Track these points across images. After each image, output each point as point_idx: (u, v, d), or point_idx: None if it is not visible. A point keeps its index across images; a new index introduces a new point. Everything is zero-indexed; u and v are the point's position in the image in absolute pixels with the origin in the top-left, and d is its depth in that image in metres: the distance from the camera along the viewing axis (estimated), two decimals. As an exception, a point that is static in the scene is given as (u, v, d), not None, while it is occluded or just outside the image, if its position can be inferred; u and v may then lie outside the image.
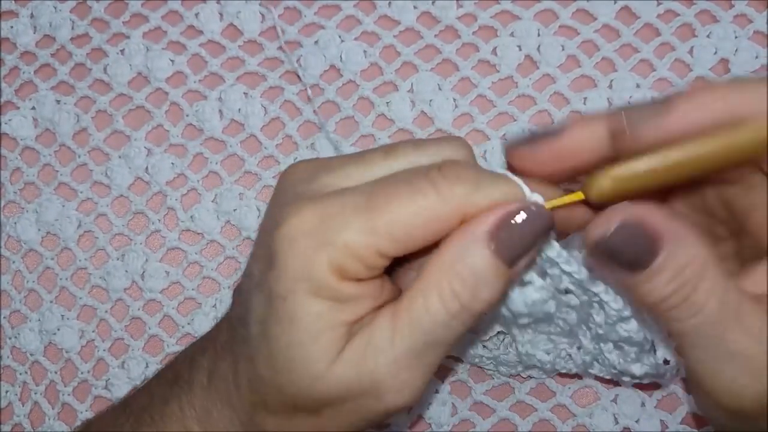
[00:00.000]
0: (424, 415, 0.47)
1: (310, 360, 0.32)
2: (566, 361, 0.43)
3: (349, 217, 0.31)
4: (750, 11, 0.47)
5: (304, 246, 0.31)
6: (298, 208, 0.31)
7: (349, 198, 0.31)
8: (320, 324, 0.31)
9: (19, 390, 0.49)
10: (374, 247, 0.31)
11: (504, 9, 0.48)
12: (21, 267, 0.50)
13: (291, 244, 0.31)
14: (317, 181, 0.33)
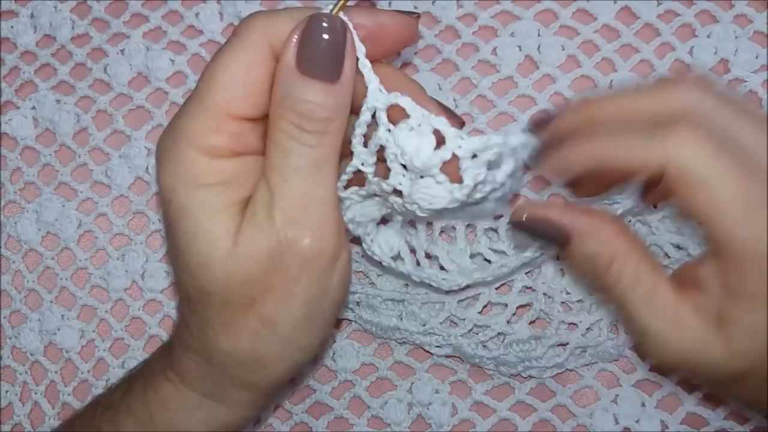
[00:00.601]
0: (424, 415, 0.47)
1: (214, 247, 0.32)
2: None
3: (190, 101, 0.33)
4: (750, 11, 0.47)
5: (164, 142, 0.33)
6: (160, 136, 0.35)
7: (187, 101, 0.34)
8: (207, 210, 0.33)
9: (19, 390, 0.49)
10: (220, 113, 0.32)
11: (504, 9, 0.48)
12: (21, 267, 0.49)
13: (159, 158, 0.34)
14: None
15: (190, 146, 0.33)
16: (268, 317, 0.34)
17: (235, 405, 0.37)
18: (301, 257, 0.33)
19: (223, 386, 0.37)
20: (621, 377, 0.46)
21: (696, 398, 0.46)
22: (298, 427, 0.48)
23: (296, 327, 0.34)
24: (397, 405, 0.47)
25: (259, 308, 0.34)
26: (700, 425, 0.46)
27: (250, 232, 0.33)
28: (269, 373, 0.36)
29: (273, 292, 0.33)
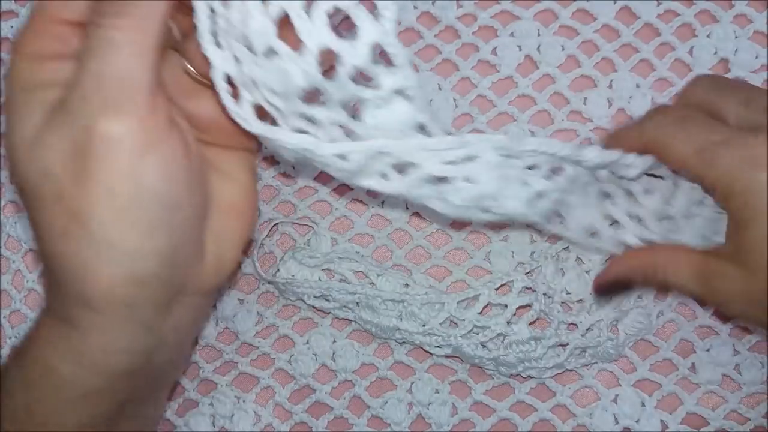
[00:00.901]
0: (424, 415, 0.47)
1: (19, 140, 0.32)
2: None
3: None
4: (750, 11, 0.47)
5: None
6: None
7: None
8: (22, 109, 0.32)
9: (18, 389, 0.49)
10: (41, 15, 0.32)
11: (504, 9, 0.48)
12: (21, 266, 0.49)
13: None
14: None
15: (17, 53, 0.32)
16: (75, 211, 0.31)
17: (84, 329, 0.33)
18: (100, 142, 0.30)
19: (64, 303, 0.33)
20: (621, 377, 0.46)
21: (696, 398, 0.46)
22: (297, 427, 0.48)
23: (110, 223, 0.31)
24: (397, 405, 0.47)
25: (67, 202, 0.31)
26: (700, 425, 0.46)
27: (53, 123, 0.31)
28: (98, 284, 0.32)
29: (78, 184, 0.31)
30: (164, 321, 0.35)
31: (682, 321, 0.46)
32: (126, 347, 0.34)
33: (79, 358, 0.34)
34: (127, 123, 0.30)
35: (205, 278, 0.36)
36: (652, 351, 0.46)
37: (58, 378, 0.34)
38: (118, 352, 0.34)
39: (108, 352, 0.34)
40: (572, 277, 0.45)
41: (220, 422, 0.48)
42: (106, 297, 0.32)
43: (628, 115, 0.47)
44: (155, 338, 0.35)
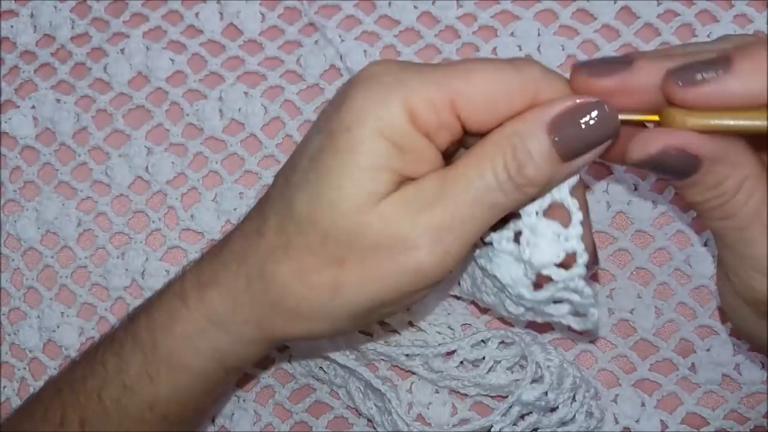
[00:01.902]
0: (424, 415, 0.47)
1: (360, 194, 0.32)
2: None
3: (428, 70, 0.32)
4: (750, 11, 0.47)
5: (380, 85, 0.32)
6: (377, 62, 0.33)
7: (432, 67, 0.33)
8: (380, 162, 0.32)
9: (17, 386, 0.49)
10: (449, 97, 0.31)
11: (504, 9, 0.48)
12: (20, 265, 0.49)
13: (368, 80, 0.32)
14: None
15: (411, 97, 0.31)
16: (340, 284, 0.33)
17: (241, 341, 0.36)
18: (408, 264, 0.33)
19: (243, 315, 0.35)
20: (621, 377, 0.46)
21: (696, 398, 0.46)
22: (297, 427, 0.48)
23: (350, 311, 0.34)
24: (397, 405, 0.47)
25: (339, 271, 0.33)
26: (700, 425, 0.46)
27: (390, 211, 0.32)
28: (292, 328, 0.35)
29: (362, 269, 0.33)
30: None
31: (682, 321, 0.46)
32: (247, 363, 0.39)
33: (212, 357, 0.37)
34: (436, 269, 0.33)
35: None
36: (652, 351, 0.46)
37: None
38: (240, 369, 0.40)
39: (238, 363, 0.38)
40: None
41: (220, 421, 0.48)
42: (285, 337, 0.36)
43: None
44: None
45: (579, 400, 0.43)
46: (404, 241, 0.32)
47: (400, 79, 0.32)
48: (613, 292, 0.47)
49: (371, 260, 0.33)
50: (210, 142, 0.49)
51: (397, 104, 0.31)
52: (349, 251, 0.32)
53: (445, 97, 0.31)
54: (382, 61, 0.33)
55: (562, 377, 0.43)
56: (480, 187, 0.32)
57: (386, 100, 0.31)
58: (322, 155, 0.33)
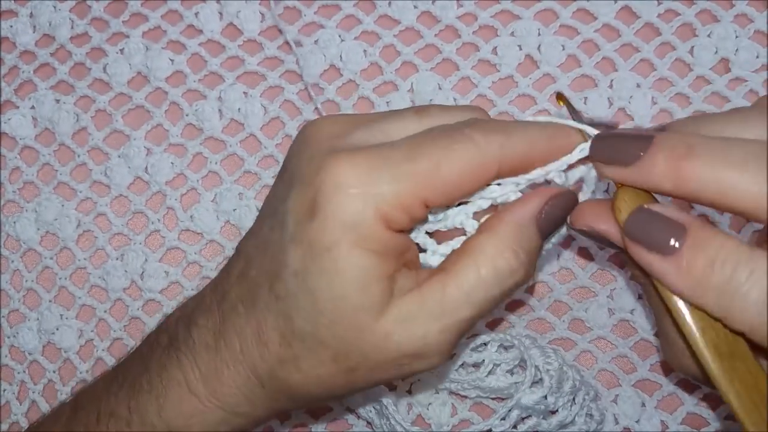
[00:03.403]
0: (424, 415, 0.47)
1: (357, 312, 0.32)
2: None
3: (395, 168, 0.32)
4: (750, 11, 0.46)
5: (350, 196, 0.31)
6: (341, 160, 0.32)
7: (391, 151, 0.32)
8: (367, 276, 0.32)
9: (16, 389, 0.49)
10: (420, 196, 0.32)
11: (504, 8, 0.48)
12: (20, 266, 0.49)
13: (336, 193, 0.31)
14: (353, 136, 0.34)
15: (383, 206, 0.31)
16: (353, 385, 0.35)
17: (257, 420, 0.38)
18: (412, 368, 0.34)
19: (261, 407, 0.36)
20: (621, 377, 0.46)
21: (696, 398, 0.46)
22: (297, 429, 0.48)
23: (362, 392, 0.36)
24: (397, 405, 0.47)
25: (353, 375, 0.34)
26: (700, 425, 0.46)
27: (399, 325, 0.33)
28: (299, 404, 0.38)
29: (374, 374, 0.34)
30: None
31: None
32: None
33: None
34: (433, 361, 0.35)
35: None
36: (652, 351, 0.46)
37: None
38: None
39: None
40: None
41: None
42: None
43: (628, 114, 0.47)
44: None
45: (579, 402, 0.43)
46: (417, 356, 0.33)
47: (369, 187, 0.31)
48: (614, 293, 0.47)
49: (381, 369, 0.34)
50: (209, 142, 0.49)
51: (370, 215, 0.31)
52: (361, 363, 0.33)
53: (416, 197, 0.32)
54: (343, 161, 0.32)
55: (562, 380, 0.43)
56: (485, 296, 0.33)
57: (359, 213, 0.31)
58: (309, 277, 0.32)
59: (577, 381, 0.43)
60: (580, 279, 0.47)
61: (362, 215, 0.31)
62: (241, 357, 0.35)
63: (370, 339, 0.33)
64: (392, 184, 0.31)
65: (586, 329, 0.47)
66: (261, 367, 0.35)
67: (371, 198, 0.31)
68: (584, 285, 0.47)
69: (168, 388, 0.37)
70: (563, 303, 0.47)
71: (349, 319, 0.32)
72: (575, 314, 0.47)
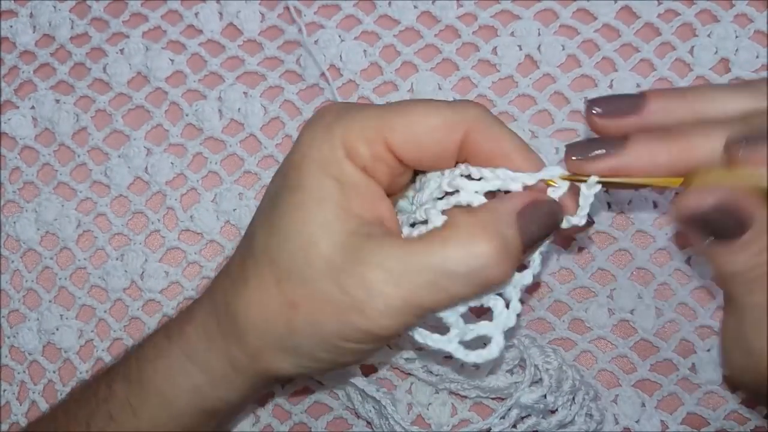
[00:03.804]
0: (424, 415, 0.47)
1: (309, 223, 0.33)
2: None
3: (369, 109, 0.35)
4: (750, 11, 0.46)
5: (320, 125, 0.35)
6: (329, 105, 0.36)
7: (370, 106, 0.35)
8: (325, 195, 0.33)
9: (17, 389, 0.49)
10: (383, 137, 0.33)
11: (504, 8, 0.48)
12: (20, 266, 0.49)
13: (309, 125, 0.35)
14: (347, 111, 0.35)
15: (345, 134, 0.34)
16: (294, 326, 0.34)
17: (217, 380, 0.37)
18: (358, 325, 0.33)
19: (216, 351, 0.36)
20: (621, 377, 0.46)
21: (696, 398, 0.46)
22: (297, 427, 0.48)
23: (309, 352, 0.35)
24: (397, 405, 0.47)
25: (293, 313, 0.34)
26: (700, 425, 0.46)
27: (347, 258, 0.33)
28: (258, 364, 0.36)
29: (313, 318, 0.33)
30: None
31: (683, 321, 0.46)
32: (234, 402, 0.39)
33: (194, 395, 0.38)
34: (389, 320, 0.34)
35: None
36: (652, 351, 0.46)
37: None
38: (232, 408, 0.39)
39: (222, 403, 0.38)
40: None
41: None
42: (257, 371, 0.37)
43: (628, 114, 0.47)
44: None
45: (578, 402, 0.43)
46: (358, 305, 0.33)
47: (339, 117, 0.34)
48: (614, 293, 0.47)
49: (320, 311, 0.33)
50: (209, 142, 0.49)
51: (336, 141, 0.34)
52: (301, 297, 0.33)
53: (378, 133, 0.33)
54: (332, 104, 0.35)
55: (561, 380, 0.43)
56: (446, 269, 0.32)
57: (326, 137, 0.34)
58: (278, 193, 0.35)
59: (577, 380, 0.43)
60: (580, 279, 0.47)
61: (327, 140, 0.34)
62: (209, 292, 0.37)
63: (315, 263, 0.33)
64: (357, 118, 0.34)
65: (586, 329, 0.47)
66: (219, 295, 0.36)
67: (338, 126, 0.34)
68: (584, 285, 0.47)
69: (154, 335, 0.39)
70: (563, 303, 0.47)
71: (301, 232, 0.33)
72: (575, 314, 0.47)
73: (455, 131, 0.34)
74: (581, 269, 0.47)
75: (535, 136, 0.47)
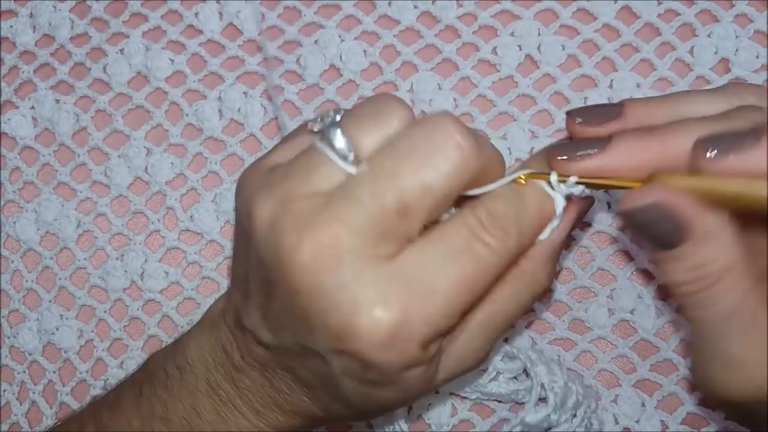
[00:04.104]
0: (424, 415, 0.47)
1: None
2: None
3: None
4: (750, 11, 0.46)
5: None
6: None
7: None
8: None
9: (16, 389, 0.49)
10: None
11: (504, 8, 0.48)
12: (20, 266, 0.49)
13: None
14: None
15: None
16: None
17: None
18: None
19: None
20: (621, 377, 0.46)
21: (696, 398, 0.46)
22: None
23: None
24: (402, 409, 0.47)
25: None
26: (700, 425, 0.46)
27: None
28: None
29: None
30: None
31: (683, 321, 0.46)
32: None
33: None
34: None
35: None
36: (652, 351, 0.46)
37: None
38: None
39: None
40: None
41: (219, 422, 0.48)
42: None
43: (628, 114, 0.47)
44: None
45: (580, 416, 0.43)
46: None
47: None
48: (614, 293, 0.47)
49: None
50: (209, 142, 0.49)
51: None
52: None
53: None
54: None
55: (566, 397, 0.43)
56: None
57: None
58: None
59: (580, 395, 0.43)
60: (580, 279, 0.47)
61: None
62: (225, 303, 0.37)
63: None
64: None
65: (586, 329, 0.47)
66: (228, 309, 0.36)
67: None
68: (584, 285, 0.47)
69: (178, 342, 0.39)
70: (563, 303, 0.47)
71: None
72: (575, 314, 0.47)
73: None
74: (581, 269, 0.47)
75: (535, 136, 0.47)
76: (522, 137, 0.47)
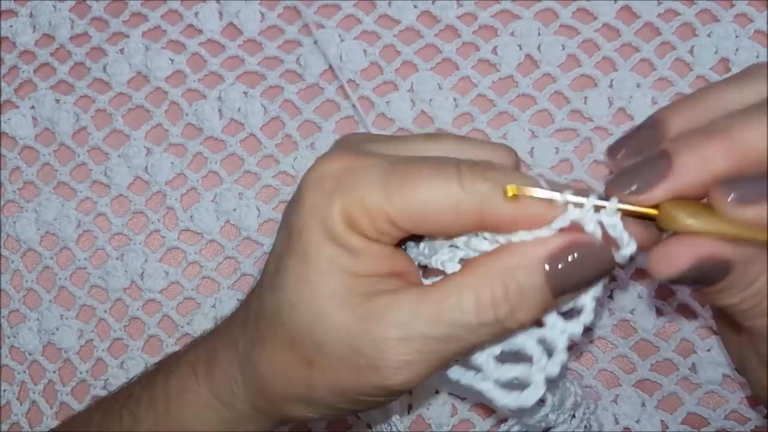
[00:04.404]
0: (424, 415, 0.47)
1: (316, 297, 0.32)
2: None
3: (371, 176, 0.31)
4: (750, 10, 0.46)
5: (324, 188, 0.31)
6: (330, 155, 0.32)
7: (377, 160, 0.31)
8: (331, 266, 0.32)
9: (17, 389, 0.49)
10: (386, 213, 0.31)
11: (504, 8, 0.48)
12: (20, 266, 0.49)
13: (314, 184, 0.32)
14: (361, 145, 0.34)
15: (348, 206, 0.31)
16: (312, 385, 0.34)
17: (245, 418, 0.37)
18: (372, 381, 0.32)
19: (240, 396, 0.36)
20: (621, 377, 0.46)
21: (696, 398, 0.46)
22: (297, 427, 0.48)
23: (329, 405, 0.35)
24: (396, 405, 0.47)
25: (310, 372, 0.33)
26: (700, 425, 0.46)
27: (357, 321, 0.32)
28: (281, 412, 0.36)
29: (330, 376, 0.33)
30: None
31: (683, 321, 0.46)
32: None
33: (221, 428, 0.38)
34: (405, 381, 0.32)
35: None
36: (653, 351, 0.46)
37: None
38: None
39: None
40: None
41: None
42: (280, 417, 0.37)
43: (628, 114, 0.47)
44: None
45: (579, 417, 0.43)
46: (367, 357, 0.32)
47: (341, 184, 0.31)
48: (614, 293, 0.47)
49: (337, 369, 0.33)
50: (209, 142, 0.49)
51: (336, 210, 0.31)
52: (316, 354, 0.33)
53: (380, 210, 0.31)
54: (333, 157, 0.32)
55: (564, 398, 0.43)
56: (457, 319, 0.31)
57: (327, 207, 0.31)
58: (282, 257, 0.33)
59: (579, 396, 0.43)
60: (580, 279, 0.47)
61: (328, 211, 0.31)
62: (229, 338, 0.36)
63: (327, 328, 0.32)
64: (361, 190, 0.31)
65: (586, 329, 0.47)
66: (241, 347, 0.35)
67: (339, 196, 0.31)
68: (584, 285, 0.47)
69: (180, 367, 0.38)
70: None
71: (309, 304, 0.32)
72: (575, 314, 0.47)
73: (465, 215, 0.31)
74: (581, 269, 0.47)
75: (535, 136, 0.47)
76: (522, 137, 0.47)
